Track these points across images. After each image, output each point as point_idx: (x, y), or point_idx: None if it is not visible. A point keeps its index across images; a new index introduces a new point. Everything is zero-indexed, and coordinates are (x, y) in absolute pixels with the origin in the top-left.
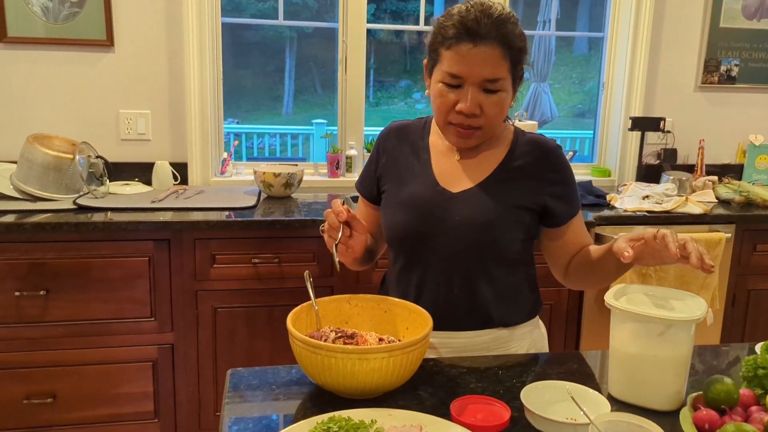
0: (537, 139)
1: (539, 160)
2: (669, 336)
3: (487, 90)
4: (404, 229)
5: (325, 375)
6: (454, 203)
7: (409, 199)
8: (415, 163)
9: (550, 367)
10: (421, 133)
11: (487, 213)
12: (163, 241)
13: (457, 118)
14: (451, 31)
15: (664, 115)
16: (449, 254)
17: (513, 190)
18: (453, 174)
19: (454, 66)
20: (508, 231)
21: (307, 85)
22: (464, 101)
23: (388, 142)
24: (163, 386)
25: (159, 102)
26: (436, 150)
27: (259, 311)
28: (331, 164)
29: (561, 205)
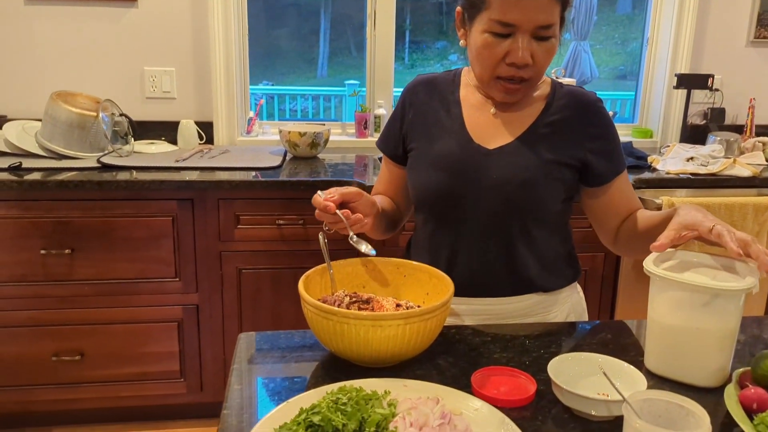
0: (576, 92)
1: (579, 114)
2: (715, 307)
3: (538, 37)
4: (436, 189)
5: (337, 342)
6: (491, 160)
7: (441, 157)
8: (446, 118)
9: (581, 337)
10: (451, 87)
11: (526, 170)
12: (186, 201)
13: (507, 71)
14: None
15: (712, 72)
16: (486, 215)
17: (552, 145)
18: (487, 129)
19: (506, 13)
20: (549, 189)
21: (342, 47)
22: (516, 51)
23: (415, 96)
24: (188, 346)
25: (184, 59)
26: (468, 104)
27: (284, 273)
28: (359, 124)
29: (603, 161)
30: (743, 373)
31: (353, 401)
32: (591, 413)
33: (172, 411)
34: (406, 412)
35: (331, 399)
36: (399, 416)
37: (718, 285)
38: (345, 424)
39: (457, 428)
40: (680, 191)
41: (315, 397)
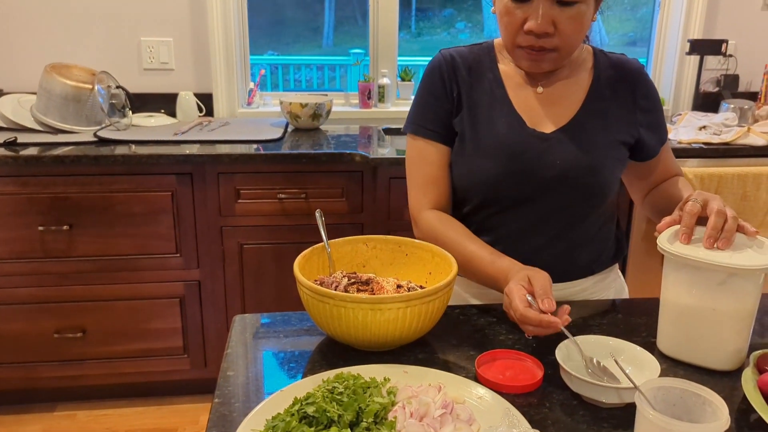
0: (621, 61)
1: (629, 85)
2: (732, 286)
3: (562, 3)
4: (494, 179)
5: (335, 326)
6: (550, 146)
7: (495, 144)
8: (492, 100)
9: (591, 318)
10: (489, 63)
11: (588, 154)
12: (185, 175)
13: (527, 40)
14: None
15: (726, 38)
16: (549, 202)
17: (609, 123)
18: (538, 111)
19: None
20: (613, 170)
21: (348, 16)
22: (534, 19)
23: (452, 71)
24: (191, 322)
25: (181, 29)
26: (510, 82)
27: (286, 248)
28: (363, 94)
29: (652, 135)
30: (761, 356)
31: (350, 390)
32: (601, 401)
33: (176, 387)
34: (406, 401)
35: (327, 388)
36: (398, 405)
37: (735, 263)
38: (341, 416)
39: (460, 418)
40: (692, 161)
41: (310, 386)
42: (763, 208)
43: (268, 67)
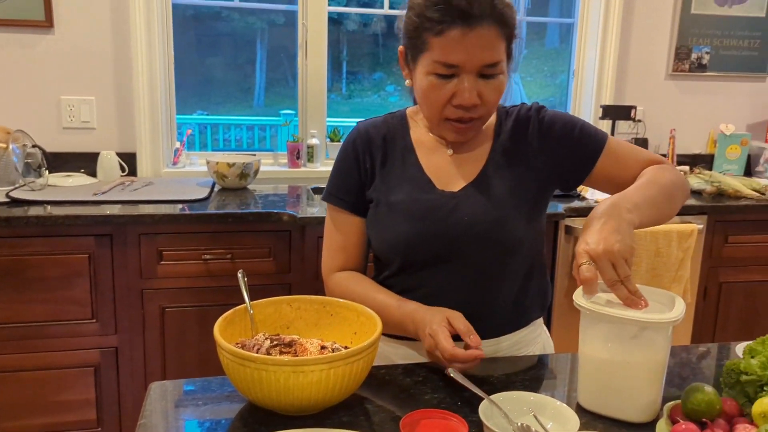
0: (518, 109)
1: (527, 130)
2: (644, 339)
3: (484, 75)
4: (407, 240)
5: (256, 390)
6: (458, 203)
7: (407, 207)
8: (403, 165)
9: (514, 373)
10: (402, 131)
11: (496, 208)
12: (104, 237)
13: (455, 113)
14: (438, 13)
15: (635, 104)
16: (460, 259)
17: (515, 174)
18: (447, 172)
19: (448, 54)
20: (523, 222)
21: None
22: (463, 93)
23: (368, 143)
24: (106, 393)
25: (104, 88)
26: (421, 147)
27: (211, 311)
28: (291, 154)
29: (577, 154)
30: (674, 407)
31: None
32: None
33: None
34: None
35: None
36: None
37: (646, 317)
38: None
39: None
40: None
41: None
42: (675, 264)
43: (197, 127)
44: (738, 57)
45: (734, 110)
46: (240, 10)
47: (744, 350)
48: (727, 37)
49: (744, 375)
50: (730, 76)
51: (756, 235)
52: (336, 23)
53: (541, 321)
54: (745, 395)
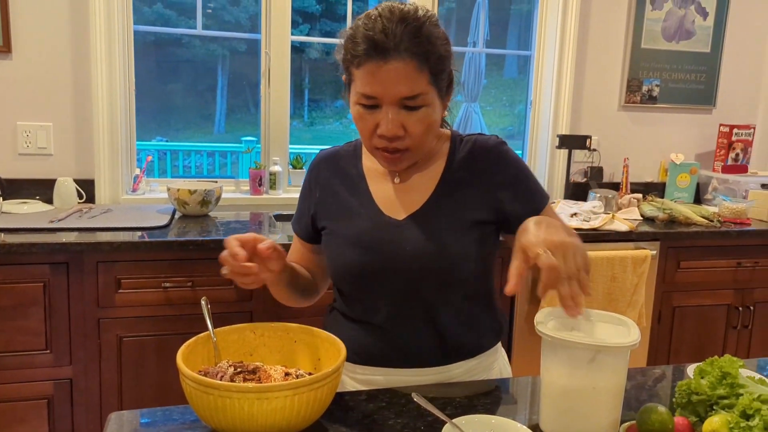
0: (475, 140)
1: (482, 164)
2: (602, 364)
3: (408, 107)
4: (352, 267)
5: (219, 418)
6: (403, 231)
7: (354, 234)
8: (353, 193)
9: (476, 397)
10: (354, 160)
11: (438, 237)
12: (60, 265)
13: (380, 142)
14: (359, 47)
15: (590, 134)
16: (405, 287)
17: (462, 205)
18: (395, 199)
19: (366, 86)
20: (465, 252)
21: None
22: (384, 124)
23: (321, 174)
24: (60, 426)
25: (62, 114)
26: (372, 175)
27: (170, 340)
28: (254, 181)
29: (519, 206)
30: (629, 427)
31: None
32: None
33: None
34: None
35: None
36: None
37: (604, 343)
38: None
39: None
40: None
41: None
42: (630, 289)
43: (156, 153)
44: (686, 90)
45: (683, 140)
46: (201, 37)
47: (694, 371)
48: (675, 70)
49: (695, 395)
50: (679, 107)
51: (706, 260)
52: (298, 51)
53: (497, 348)
54: (696, 414)
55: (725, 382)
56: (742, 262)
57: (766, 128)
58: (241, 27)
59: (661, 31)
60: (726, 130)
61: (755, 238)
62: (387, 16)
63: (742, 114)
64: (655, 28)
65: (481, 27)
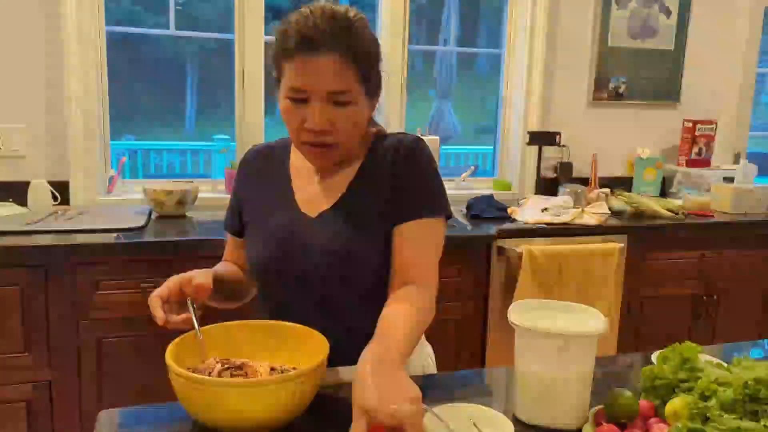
0: (394, 138)
1: (390, 160)
2: (572, 352)
3: (336, 103)
4: (266, 262)
5: (209, 413)
6: (314, 229)
7: (271, 230)
8: (277, 189)
9: (454, 387)
10: (283, 156)
11: (341, 236)
12: (38, 268)
13: (308, 136)
14: (290, 40)
15: (559, 130)
16: (314, 285)
17: (370, 202)
18: (313, 196)
19: (295, 80)
20: (369, 252)
21: (210, 102)
22: (312, 117)
23: (249, 168)
24: (39, 428)
25: (35, 115)
26: (297, 172)
27: (150, 340)
28: (229, 180)
29: (399, 200)
30: (598, 411)
31: None
32: None
33: None
34: None
35: None
36: None
37: (574, 331)
38: None
39: None
40: (538, 240)
41: None
42: (600, 280)
43: (128, 152)
44: (651, 86)
45: (649, 135)
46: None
47: (657, 357)
48: (641, 68)
49: (658, 379)
50: (645, 104)
51: (672, 252)
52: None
53: (417, 351)
54: (660, 397)
55: (685, 367)
56: (706, 253)
57: (727, 123)
58: (209, 24)
59: (626, 29)
60: (689, 125)
61: (719, 230)
62: (318, 13)
63: (705, 109)
64: (620, 26)
65: (453, 25)
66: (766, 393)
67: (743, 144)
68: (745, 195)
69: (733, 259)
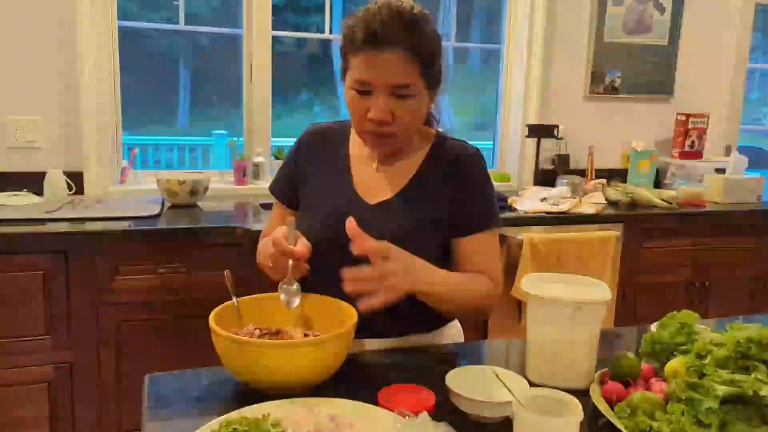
0: (456, 145)
1: (453, 166)
2: (581, 317)
3: (398, 96)
4: (318, 239)
5: (253, 372)
6: (371, 216)
7: (326, 208)
8: (335, 170)
9: (469, 356)
10: (342, 139)
11: (399, 228)
12: (59, 254)
13: (370, 126)
14: (358, 35)
15: (557, 123)
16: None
17: (428, 202)
18: (372, 184)
19: (361, 73)
20: (421, 247)
21: (204, 98)
22: (375, 109)
23: (308, 145)
24: (61, 409)
25: (50, 107)
26: (356, 157)
27: (167, 323)
28: (238, 171)
29: (462, 213)
30: (603, 372)
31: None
32: (484, 414)
33: None
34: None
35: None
36: None
37: (583, 298)
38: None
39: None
40: (537, 228)
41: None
42: (597, 267)
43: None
44: (645, 81)
45: (644, 129)
46: (164, 30)
47: (657, 325)
48: (635, 62)
49: (657, 344)
50: (639, 98)
51: (665, 241)
52: None
53: (452, 324)
54: (659, 360)
55: (683, 332)
56: (698, 242)
57: (719, 116)
58: (199, 19)
59: (621, 25)
60: (683, 118)
61: (710, 219)
62: (385, 10)
63: (698, 103)
64: (616, 23)
65: (453, 21)
66: (757, 350)
67: (734, 137)
68: (736, 185)
69: (724, 247)
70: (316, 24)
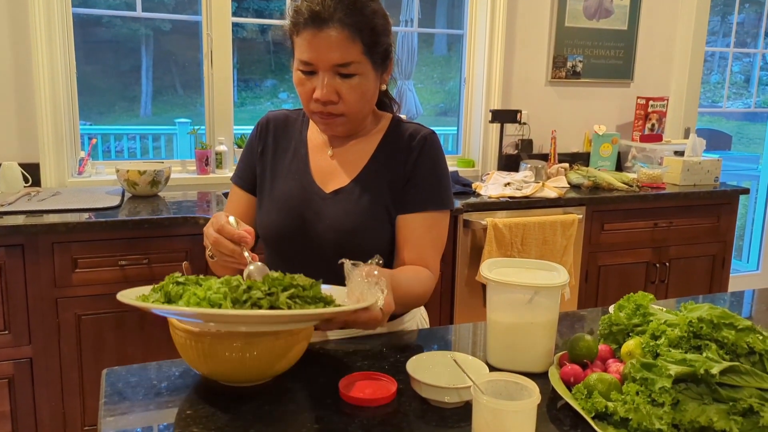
0: (410, 127)
1: (406, 148)
2: (539, 302)
3: (342, 75)
4: (276, 230)
5: (209, 364)
6: (326, 204)
7: (283, 197)
8: (293, 158)
9: (430, 340)
10: (300, 126)
11: (352, 217)
12: (15, 247)
13: (316, 106)
14: (300, 16)
15: (520, 108)
16: (320, 258)
17: (383, 187)
18: (328, 171)
19: (303, 53)
20: (376, 236)
21: (167, 85)
22: (319, 88)
23: (268, 132)
24: (21, 404)
25: (3, 97)
26: (313, 144)
27: (128, 316)
28: (200, 161)
29: (410, 190)
30: (561, 355)
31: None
32: (444, 400)
33: None
34: None
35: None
36: None
37: (540, 283)
38: None
39: None
40: (501, 213)
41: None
42: (560, 250)
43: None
44: (606, 65)
45: (605, 112)
46: (123, 16)
47: (614, 307)
48: (596, 47)
49: (614, 326)
50: (601, 82)
51: (627, 222)
52: None
53: (416, 311)
54: (616, 341)
55: (639, 313)
56: (658, 223)
57: (678, 100)
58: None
59: (582, 10)
60: (643, 102)
61: (670, 201)
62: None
63: (657, 87)
64: (577, 7)
65: (416, 5)
66: (708, 329)
67: (693, 120)
68: (694, 167)
69: (683, 228)
70: (280, 8)
